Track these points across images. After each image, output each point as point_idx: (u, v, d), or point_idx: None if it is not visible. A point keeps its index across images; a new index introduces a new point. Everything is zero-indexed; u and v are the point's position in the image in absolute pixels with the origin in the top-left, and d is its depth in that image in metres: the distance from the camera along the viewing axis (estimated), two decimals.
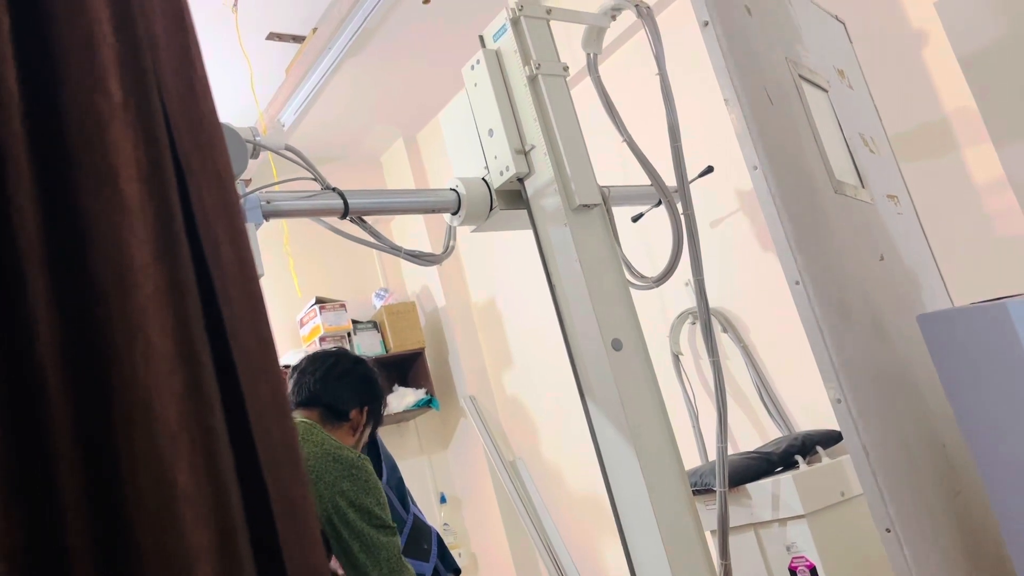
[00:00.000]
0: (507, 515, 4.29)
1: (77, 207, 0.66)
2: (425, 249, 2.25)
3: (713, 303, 3.09)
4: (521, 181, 1.99)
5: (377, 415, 2.30)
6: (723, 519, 2.06)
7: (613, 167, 3.13)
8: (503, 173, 1.99)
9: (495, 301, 4.49)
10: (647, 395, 1.82)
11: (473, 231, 2.18)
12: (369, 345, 4.41)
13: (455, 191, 2.06)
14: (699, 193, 2.75)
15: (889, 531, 1.43)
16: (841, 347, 1.53)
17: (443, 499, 4.60)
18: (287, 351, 4.25)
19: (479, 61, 2.03)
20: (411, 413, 4.47)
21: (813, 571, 2.26)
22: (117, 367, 0.64)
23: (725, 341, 3.18)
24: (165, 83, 0.73)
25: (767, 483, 2.37)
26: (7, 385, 0.62)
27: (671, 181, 2.13)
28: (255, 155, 1.90)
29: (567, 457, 4.07)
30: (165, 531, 0.62)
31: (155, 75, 0.72)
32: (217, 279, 0.70)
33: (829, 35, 2.35)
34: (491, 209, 2.07)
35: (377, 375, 2.33)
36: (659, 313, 3.39)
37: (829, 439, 2.60)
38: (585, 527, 4.00)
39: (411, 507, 2.62)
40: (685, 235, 2.08)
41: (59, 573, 0.61)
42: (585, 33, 2.17)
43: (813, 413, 2.88)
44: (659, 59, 2.08)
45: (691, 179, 2.32)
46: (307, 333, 4.39)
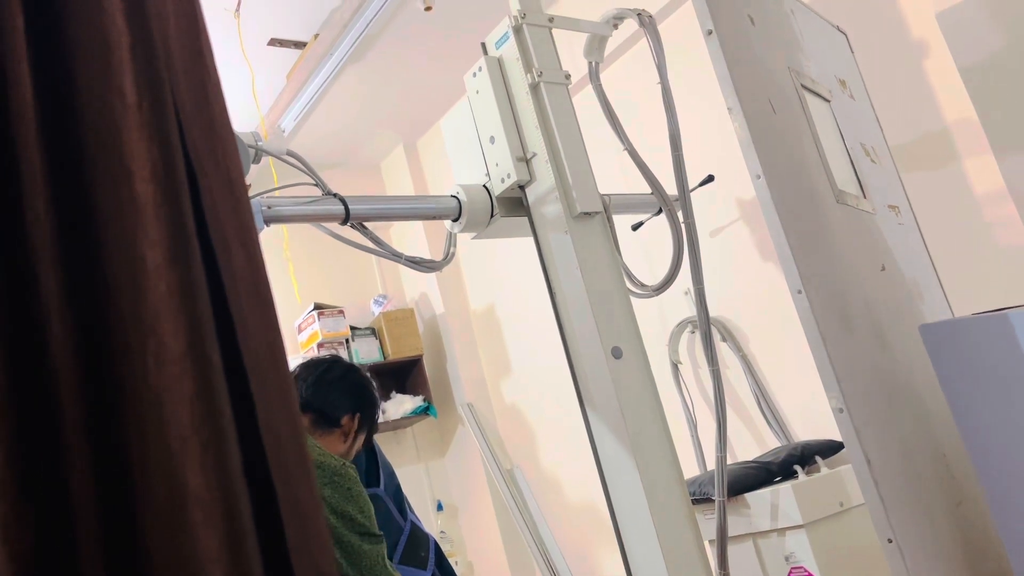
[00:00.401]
0: (504, 523, 4.28)
1: (91, 207, 0.66)
2: (424, 256, 2.25)
3: (713, 312, 3.10)
4: (522, 188, 2.00)
5: (371, 422, 2.29)
6: (722, 529, 2.05)
7: (614, 175, 3.14)
8: (504, 180, 1.99)
9: (494, 308, 4.48)
10: (647, 403, 1.81)
11: (474, 238, 2.18)
12: (367, 352, 4.41)
13: (456, 198, 2.06)
14: (699, 202, 2.75)
15: (891, 541, 1.42)
16: (843, 356, 1.53)
17: (440, 507, 4.59)
18: None
19: (481, 68, 2.03)
20: (408, 420, 4.46)
21: None
22: (129, 368, 0.64)
23: (724, 350, 3.18)
24: (178, 85, 0.73)
25: (766, 493, 2.37)
26: (20, 385, 0.62)
27: (672, 189, 2.13)
28: (257, 160, 1.90)
29: (565, 466, 4.06)
30: (175, 533, 0.62)
31: (169, 77, 0.72)
32: (228, 281, 0.70)
33: (831, 45, 2.36)
34: (492, 216, 2.07)
35: (371, 382, 2.33)
36: (658, 322, 3.39)
37: (828, 449, 2.60)
38: (583, 536, 3.99)
39: (409, 515, 2.61)
40: (685, 244, 2.08)
41: (68, 575, 0.61)
42: (587, 41, 2.18)
43: (812, 423, 2.88)
44: (661, 68, 2.09)
45: (692, 188, 2.33)
46: (305, 339, 4.38)
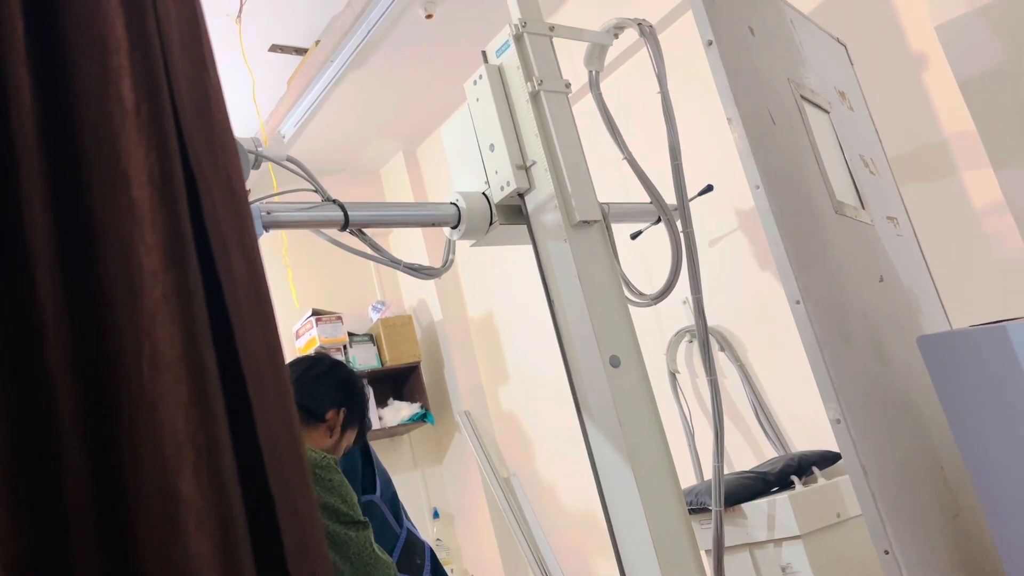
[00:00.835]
0: (500, 531, 4.27)
1: (88, 211, 0.66)
2: (422, 263, 2.25)
3: (711, 321, 3.09)
4: (521, 196, 2.00)
5: (360, 418, 2.28)
6: (718, 539, 2.05)
7: (613, 184, 3.14)
8: (504, 188, 1.99)
9: (492, 316, 4.48)
10: (645, 412, 1.81)
11: (473, 245, 2.18)
12: (365, 358, 4.41)
13: (455, 205, 2.07)
14: (698, 211, 2.76)
15: (887, 553, 1.42)
16: (841, 367, 1.53)
17: (436, 514, 4.58)
18: None
19: (481, 76, 2.03)
20: (405, 427, 4.46)
21: None
22: (123, 373, 0.64)
23: (722, 360, 3.17)
24: (179, 91, 0.73)
25: (763, 503, 2.37)
26: (14, 390, 0.62)
27: (671, 199, 2.13)
28: (256, 166, 1.90)
29: (562, 474, 4.06)
30: (167, 540, 0.62)
31: (169, 83, 0.72)
32: (227, 286, 0.70)
33: (830, 57, 2.37)
34: (491, 224, 2.07)
35: (357, 377, 2.33)
36: (656, 331, 3.39)
37: (825, 460, 2.60)
38: (579, 545, 3.98)
39: (405, 522, 2.60)
40: (684, 253, 2.08)
41: None
42: (587, 50, 2.18)
43: (809, 433, 2.88)
44: (661, 77, 2.09)
45: (691, 197, 2.33)
46: (303, 345, 4.38)
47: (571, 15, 3.65)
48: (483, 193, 2.07)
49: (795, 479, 2.46)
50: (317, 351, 4.18)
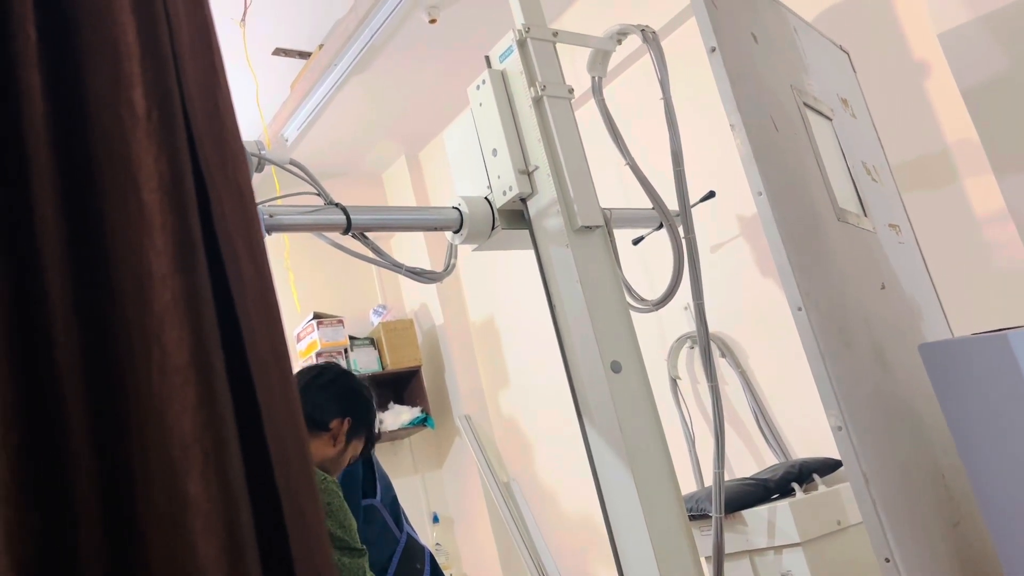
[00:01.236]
0: (500, 536, 4.26)
1: (98, 216, 0.67)
2: (424, 267, 2.25)
3: (712, 328, 3.10)
4: (524, 201, 2.00)
5: (366, 429, 2.23)
6: (718, 546, 2.05)
7: (615, 189, 3.14)
8: (506, 193, 1.99)
9: (493, 320, 4.49)
10: (645, 418, 1.81)
11: (474, 250, 2.19)
12: (366, 362, 4.41)
13: (457, 209, 2.07)
14: (700, 217, 2.76)
15: (888, 560, 1.42)
16: (842, 374, 1.53)
17: (436, 519, 4.58)
18: None
19: (485, 81, 2.04)
20: (406, 431, 4.46)
21: None
22: (132, 376, 0.64)
23: (723, 366, 3.18)
24: (190, 97, 0.73)
25: (763, 510, 2.37)
26: (26, 393, 0.62)
27: (673, 205, 2.14)
28: (259, 169, 1.90)
29: (562, 479, 4.06)
30: (174, 542, 0.62)
31: (180, 89, 0.72)
32: (236, 290, 0.70)
33: (833, 64, 2.37)
34: (493, 228, 2.07)
35: (365, 388, 2.28)
36: (658, 337, 3.39)
37: (826, 467, 2.60)
38: (579, 550, 3.97)
39: (405, 526, 2.60)
40: (686, 259, 2.08)
41: None
42: (591, 56, 2.19)
43: (810, 441, 2.88)
44: (664, 83, 2.10)
45: (693, 203, 2.33)
46: (304, 348, 4.39)
47: (574, 21, 3.66)
48: (485, 198, 2.08)
49: (796, 486, 2.46)
50: (325, 359, 4.18)
